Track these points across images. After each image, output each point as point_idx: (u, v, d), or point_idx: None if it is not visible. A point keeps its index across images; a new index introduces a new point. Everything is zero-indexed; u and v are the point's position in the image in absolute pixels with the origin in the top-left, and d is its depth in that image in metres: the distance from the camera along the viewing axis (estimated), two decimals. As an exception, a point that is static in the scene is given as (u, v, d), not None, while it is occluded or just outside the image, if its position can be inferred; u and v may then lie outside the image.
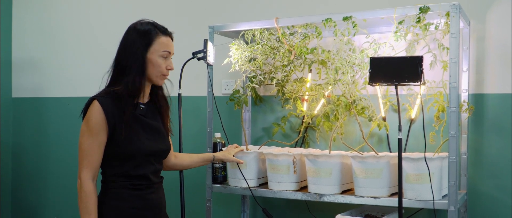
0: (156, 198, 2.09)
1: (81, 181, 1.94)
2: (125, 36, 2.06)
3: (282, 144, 2.97)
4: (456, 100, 2.27)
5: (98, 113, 1.93)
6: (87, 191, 1.93)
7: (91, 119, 1.94)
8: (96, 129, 1.93)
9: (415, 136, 2.74)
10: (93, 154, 1.93)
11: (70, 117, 3.87)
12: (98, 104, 1.95)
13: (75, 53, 3.87)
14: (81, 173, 1.94)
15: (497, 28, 2.62)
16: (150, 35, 2.01)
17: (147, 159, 2.04)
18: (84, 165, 1.94)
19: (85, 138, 1.94)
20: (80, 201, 1.94)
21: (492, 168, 2.62)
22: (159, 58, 2.02)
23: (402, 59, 2.21)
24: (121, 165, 1.99)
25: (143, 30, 2.02)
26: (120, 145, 1.96)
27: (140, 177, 2.02)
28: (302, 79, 2.86)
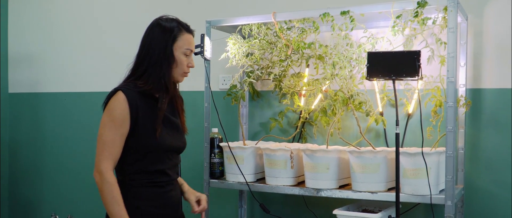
0: (175, 195, 2.07)
1: (102, 172, 1.88)
2: (148, 31, 2.04)
3: (280, 139, 2.97)
4: (453, 95, 2.27)
5: (123, 104, 1.91)
6: (111, 181, 1.88)
7: (115, 110, 1.91)
8: (119, 120, 1.90)
9: (412, 131, 2.74)
10: (114, 145, 1.89)
11: (67, 113, 3.86)
12: (122, 95, 1.92)
13: (72, 48, 3.86)
14: (101, 164, 1.88)
15: (495, 22, 2.62)
16: (174, 31, 2.00)
17: (166, 154, 2.02)
18: (105, 156, 1.88)
19: (107, 129, 1.90)
20: (105, 192, 1.88)
21: (489, 162, 2.63)
22: (182, 55, 2.01)
23: (400, 54, 2.21)
24: (140, 159, 1.96)
25: (168, 27, 2.00)
26: (141, 138, 1.94)
27: (159, 172, 1.99)
28: (299, 74, 2.85)
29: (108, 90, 3.62)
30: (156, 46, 1.98)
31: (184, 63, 2.02)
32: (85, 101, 3.78)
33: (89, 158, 3.73)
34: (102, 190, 1.89)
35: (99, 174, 1.88)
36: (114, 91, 1.95)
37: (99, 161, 1.89)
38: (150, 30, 2.03)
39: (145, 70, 1.98)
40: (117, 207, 1.88)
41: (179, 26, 2.02)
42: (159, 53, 1.97)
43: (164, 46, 1.98)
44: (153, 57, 1.97)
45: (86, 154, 3.76)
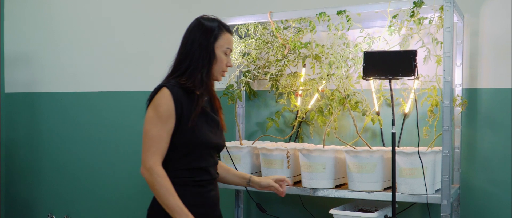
0: (214, 195, 2.09)
1: (151, 167, 1.89)
2: (190, 30, 2.06)
3: (276, 139, 2.97)
4: (449, 94, 2.27)
5: (168, 100, 1.92)
6: (161, 174, 1.90)
7: (161, 106, 1.92)
8: (166, 116, 1.92)
9: (408, 130, 2.74)
10: (162, 141, 1.91)
11: (63, 112, 3.85)
12: (168, 91, 1.93)
13: (69, 47, 3.85)
14: (149, 159, 1.90)
15: (491, 22, 2.62)
16: (216, 30, 2.02)
17: (208, 151, 2.04)
18: (153, 151, 1.90)
19: (154, 125, 1.91)
20: (157, 185, 1.89)
21: (485, 162, 2.63)
22: (222, 54, 2.04)
23: (396, 54, 2.21)
24: (184, 156, 1.98)
25: (210, 26, 2.03)
26: (185, 135, 1.96)
27: (202, 170, 2.02)
28: (296, 74, 2.85)
29: (106, 90, 3.67)
30: (198, 44, 2.00)
31: (224, 62, 2.05)
32: (82, 101, 3.78)
33: (86, 158, 3.75)
34: (154, 184, 1.90)
35: (148, 170, 1.90)
36: (159, 88, 1.96)
37: (146, 157, 1.91)
38: (192, 29, 2.06)
39: (187, 67, 2.00)
40: (173, 199, 1.89)
41: (220, 25, 2.05)
42: (201, 51, 2.00)
43: (206, 44, 2.00)
44: (195, 55, 2.00)
45: (83, 154, 3.76)
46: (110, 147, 3.66)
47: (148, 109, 1.96)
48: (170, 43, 3.39)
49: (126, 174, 3.60)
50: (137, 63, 3.58)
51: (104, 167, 3.68)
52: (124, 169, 3.61)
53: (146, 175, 1.91)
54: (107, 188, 3.67)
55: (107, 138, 3.67)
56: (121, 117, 3.62)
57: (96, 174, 3.71)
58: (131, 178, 3.57)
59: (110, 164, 3.66)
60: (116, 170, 3.64)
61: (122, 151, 3.61)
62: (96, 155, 3.71)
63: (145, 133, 1.93)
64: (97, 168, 3.71)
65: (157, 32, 3.51)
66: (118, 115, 3.64)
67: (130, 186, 3.58)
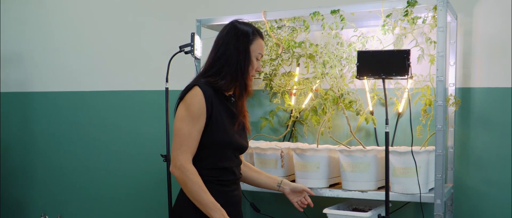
0: (237, 195, 2.12)
1: (182, 165, 1.91)
2: (225, 33, 2.07)
3: (270, 138, 2.96)
4: (443, 94, 2.28)
5: (200, 99, 1.94)
6: (193, 171, 1.92)
7: (193, 104, 1.94)
8: (197, 115, 1.94)
9: (402, 130, 2.75)
10: (193, 139, 1.93)
11: (57, 112, 3.83)
12: (200, 90, 1.95)
13: (62, 47, 3.83)
14: (180, 157, 1.92)
15: (484, 22, 2.63)
16: (250, 35, 2.05)
17: (233, 152, 2.07)
18: (184, 149, 1.92)
19: (186, 124, 1.93)
20: (189, 183, 1.92)
21: (479, 161, 2.64)
22: (254, 59, 2.06)
23: (390, 53, 2.21)
24: (210, 155, 2.00)
25: (245, 30, 2.05)
26: (213, 134, 1.98)
27: (227, 170, 2.04)
28: (290, 73, 2.85)
29: (99, 89, 3.66)
30: (235, 47, 2.02)
31: (255, 66, 2.07)
32: (76, 101, 3.76)
33: (80, 158, 3.74)
34: (185, 181, 1.92)
35: (179, 168, 1.92)
36: (191, 87, 1.98)
37: (177, 155, 1.93)
38: (227, 32, 2.06)
39: (220, 69, 2.02)
40: (206, 195, 1.92)
41: (255, 30, 2.07)
42: (239, 54, 2.01)
43: (243, 48, 2.02)
44: (231, 58, 2.01)
45: (76, 154, 3.75)
46: (104, 147, 3.64)
47: (180, 107, 1.98)
48: (163, 43, 3.40)
49: (120, 174, 3.59)
50: (130, 63, 3.57)
51: (97, 167, 3.67)
52: (117, 169, 3.60)
53: (177, 173, 1.93)
54: (100, 188, 3.66)
55: (100, 137, 3.66)
56: (115, 116, 3.61)
57: (89, 174, 3.70)
58: (125, 178, 3.56)
59: (103, 164, 3.65)
60: (110, 170, 3.63)
61: (115, 150, 3.60)
62: (89, 155, 3.70)
63: (177, 131, 1.94)
64: (90, 168, 3.70)
65: (151, 32, 3.50)
66: (111, 114, 3.63)
67: (124, 186, 3.57)
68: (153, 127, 3.40)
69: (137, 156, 3.51)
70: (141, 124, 3.50)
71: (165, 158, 2.63)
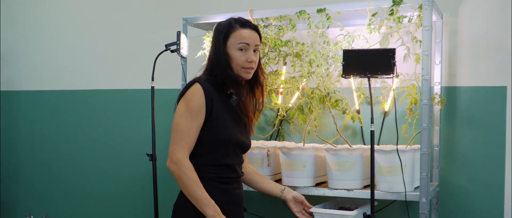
0: (239, 194, 2.11)
1: (178, 160, 1.91)
2: (213, 34, 2.11)
3: (257, 137, 2.96)
4: (428, 93, 2.29)
5: (200, 95, 1.95)
6: (189, 167, 1.92)
7: (192, 100, 1.95)
8: (196, 111, 1.95)
9: (388, 128, 2.76)
10: (191, 135, 1.93)
11: (41, 111, 3.80)
12: (199, 86, 1.96)
13: (46, 45, 3.79)
14: (177, 152, 1.92)
15: (470, 21, 2.65)
16: (226, 29, 2.03)
17: (234, 149, 2.06)
18: (181, 145, 1.92)
19: (184, 119, 1.94)
20: (184, 178, 1.91)
21: (464, 160, 2.65)
22: (236, 51, 2.02)
23: (375, 52, 2.21)
24: (210, 152, 2.00)
25: (220, 28, 2.06)
26: (212, 131, 1.98)
27: (228, 167, 2.04)
28: (277, 72, 2.85)
29: (85, 88, 3.62)
30: (214, 47, 2.05)
31: (241, 58, 2.03)
32: (61, 100, 3.73)
33: (65, 158, 3.70)
34: (181, 177, 1.92)
35: (175, 163, 1.92)
36: (191, 83, 1.99)
37: (174, 150, 1.93)
38: (213, 33, 2.11)
39: (212, 70, 2.05)
40: (200, 191, 1.92)
41: (231, 23, 2.04)
42: (218, 54, 2.03)
43: (220, 45, 2.03)
44: (214, 58, 2.04)
45: (62, 153, 3.71)
46: (90, 146, 3.62)
47: (180, 103, 1.98)
48: (150, 41, 3.38)
49: (106, 173, 3.56)
50: (116, 62, 3.54)
51: (83, 166, 3.64)
52: (103, 168, 3.57)
53: (173, 167, 1.93)
54: (86, 187, 3.63)
55: (86, 136, 3.63)
56: (101, 115, 3.58)
57: (75, 174, 3.67)
58: (111, 177, 3.54)
59: (89, 163, 3.62)
60: (95, 169, 3.60)
61: (101, 149, 3.58)
62: (75, 154, 3.67)
63: (175, 126, 1.95)
64: (76, 167, 3.67)
65: (138, 31, 3.47)
66: (97, 113, 3.60)
67: (110, 185, 3.55)
68: (139, 125, 3.38)
69: (123, 155, 3.49)
70: (128, 123, 3.47)
71: (151, 157, 2.62)
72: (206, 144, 1.99)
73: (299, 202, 2.28)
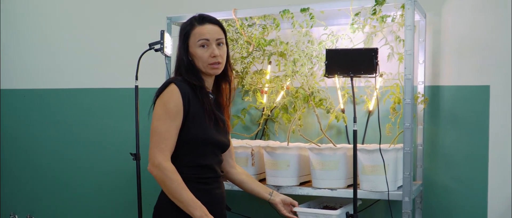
0: (220, 193, 2.08)
1: (160, 164, 1.88)
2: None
3: (242, 136, 2.95)
4: (411, 92, 2.29)
5: (176, 96, 1.92)
6: (172, 169, 1.89)
7: (169, 102, 1.92)
8: (174, 112, 1.92)
9: (373, 128, 2.76)
10: (170, 137, 1.90)
11: (26, 110, 3.76)
12: (176, 88, 1.93)
13: (31, 44, 3.76)
14: (157, 156, 1.88)
15: (453, 21, 2.66)
16: (186, 29, 2.03)
17: (213, 149, 2.04)
18: (161, 148, 1.89)
19: (162, 122, 1.90)
20: (168, 181, 1.88)
21: (448, 159, 2.67)
22: (198, 49, 2.01)
23: (358, 51, 2.22)
24: (189, 153, 1.97)
25: (182, 27, 2.06)
26: (190, 132, 1.95)
27: (207, 167, 2.02)
28: (262, 71, 2.84)
29: (68, 87, 3.60)
30: (177, 48, 2.06)
31: (204, 55, 2.01)
32: (45, 99, 3.70)
33: (49, 156, 3.67)
34: (164, 180, 1.89)
35: (157, 167, 1.88)
36: (167, 84, 1.96)
37: (154, 153, 1.89)
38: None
39: (178, 70, 2.05)
40: (185, 192, 1.89)
41: (192, 21, 2.04)
42: (179, 54, 2.04)
43: (181, 45, 2.04)
44: (177, 59, 2.05)
45: (46, 152, 3.68)
46: (74, 145, 3.59)
47: (157, 105, 1.95)
48: (134, 40, 3.36)
49: (90, 172, 3.54)
50: (99, 61, 3.52)
51: (68, 165, 3.61)
52: (88, 167, 3.55)
53: (155, 171, 1.89)
54: (71, 186, 3.61)
55: (70, 135, 3.60)
56: (85, 114, 3.56)
57: (59, 173, 3.64)
58: (95, 176, 3.52)
59: (73, 162, 3.60)
60: (80, 168, 3.58)
61: (85, 149, 3.55)
62: (59, 153, 3.64)
63: (154, 130, 1.92)
64: (60, 166, 3.64)
65: (122, 30, 3.45)
66: (82, 112, 3.57)
67: (94, 184, 3.53)
68: (125, 124, 3.36)
69: (109, 154, 3.47)
70: (113, 122, 3.45)
71: (134, 157, 2.60)
72: (184, 145, 1.96)
73: (288, 204, 2.27)
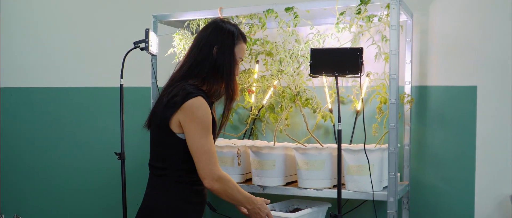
0: (206, 193, 2.07)
1: (220, 177, 1.88)
2: (210, 33, 1.96)
3: (230, 136, 2.94)
4: (396, 92, 2.28)
5: (207, 111, 1.88)
6: (229, 177, 1.92)
7: (205, 118, 1.87)
8: (209, 125, 1.88)
9: (360, 128, 2.74)
10: (215, 150, 1.90)
11: (10, 109, 3.73)
12: (204, 102, 1.88)
13: (16, 42, 3.73)
14: (215, 170, 1.87)
15: (440, 21, 2.65)
16: (233, 39, 1.96)
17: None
18: (214, 162, 1.88)
19: (205, 139, 1.86)
20: (229, 190, 1.91)
21: (435, 159, 2.66)
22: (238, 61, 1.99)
23: (343, 51, 2.20)
24: (187, 160, 1.93)
25: (231, 31, 1.96)
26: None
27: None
28: (249, 71, 2.83)
29: (55, 85, 3.57)
30: (219, 49, 1.93)
31: (237, 71, 2.00)
32: (30, 98, 3.67)
33: (36, 156, 3.65)
34: (227, 190, 1.91)
35: (219, 181, 1.88)
36: (194, 95, 1.86)
37: (210, 170, 1.87)
38: (211, 32, 1.96)
39: (203, 72, 1.93)
40: (243, 193, 1.96)
41: (239, 33, 1.98)
42: (224, 56, 1.93)
43: (229, 49, 1.94)
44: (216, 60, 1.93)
45: (32, 152, 3.66)
46: (60, 144, 3.57)
47: (191, 123, 1.86)
48: (120, 39, 3.33)
49: (78, 170, 3.52)
50: (84, 59, 3.50)
51: (55, 165, 3.59)
52: (75, 166, 3.53)
53: (217, 185, 1.89)
54: (57, 186, 3.59)
55: (56, 135, 3.58)
56: (72, 113, 3.54)
57: (46, 173, 3.62)
58: (81, 176, 3.50)
59: (60, 162, 3.57)
60: (67, 167, 3.56)
61: (72, 147, 3.53)
62: (46, 153, 3.62)
63: (201, 149, 1.86)
64: (47, 166, 3.62)
65: (107, 28, 3.43)
66: (68, 111, 3.55)
67: (82, 183, 3.51)
68: (112, 124, 3.34)
69: (96, 153, 3.45)
70: (100, 121, 3.44)
71: (119, 156, 2.59)
72: (186, 152, 1.92)
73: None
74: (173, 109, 1.86)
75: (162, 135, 1.92)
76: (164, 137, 1.91)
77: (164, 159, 1.93)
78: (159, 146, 1.95)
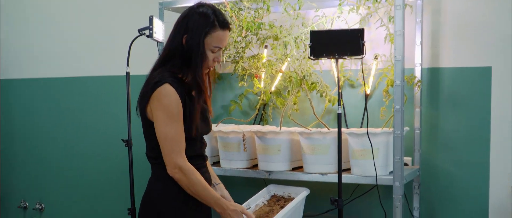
0: (208, 177, 2.08)
1: (181, 166, 1.87)
2: (182, 19, 1.92)
3: (239, 122, 2.93)
4: (401, 74, 2.22)
5: (175, 98, 1.85)
6: (192, 170, 1.88)
7: (170, 106, 1.85)
8: (177, 114, 1.86)
9: (371, 112, 2.69)
10: (181, 138, 1.87)
11: (31, 99, 3.81)
12: (172, 89, 1.85)
13: (17, 31, 3.79)
14: (176, 160, 1.86)
15: (453, 0, 2.55)
16: (206, 26, 1.88)
17: (200, 139, 2.03)
18: (177, 151, 1.87)
19: (169, 126, 1.85)
20: (192, 181, 1.88)
21: (447, 142, 2.58)
22: (209, 52, 1.92)
23: (343, 32, 2.15)
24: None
25: (201, 20, 1.88)
26: (186, 130, 1.91)
27: (197, 156, 2.01)
28: (258, 56, 2.80)
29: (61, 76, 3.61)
30: (196, 37, 1.87)
31: (210, 59, 1.93)
32: (36, 88, 3.75)
33: (56, 144, 3.72)
34: (188, 181, 1.88)
35: (180, 170, 1.87)
36: (160, 83, 1.85)
37: (172, 158, 1.87)
38: (183, 19, 1.92)
39: (178, 62, 1.91)
40: (208, 191, 1.90)
41: (214, 21, 1.89)
42: (198, 46, 1.87)
43: (197, 41, 1.87)
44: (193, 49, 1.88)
45: (53, 140, 3.74)
46: (70, 132, 3.65)
47: (157, 110, 1.86)
48: (124, 27, 3.34)
49: (89, 158, 3.58)
50: (95, 48, 3.54)
51: (75, 153, 3.66)
52: (86, 153, 3.59)
53: (178, 175, 1.88)
54: (78, 173, 3.66)
55: (67, 124, 3.66)
56: (84, 102, 3.59)
57: (67, 160, 3.69)
58: (93, 162, 3.56)
59: (80, 150, 3.64)
60: (79, 155, 3.62)
61: (83, 136, 3.60)
62: (66, 141, 3.69)
63: (164, 136, 1.86)
64: (68, 153, 3.69)
65: (113, 16, 3.45)
66: (81, 100, 3.60)
67: (92, 170, 3.57)
68: (117, 111, 3.37)
69: (102, 140, 3.52)
70: (105, 109, 3.48)
71: (126, 143, 2.61)
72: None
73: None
74: (146, 99, 1.87)
75: (144, 125, 1.93)
76: (146, 126, 1.92)
77: (152, 148, 1.93)
78: (145, 136, 1.95)
